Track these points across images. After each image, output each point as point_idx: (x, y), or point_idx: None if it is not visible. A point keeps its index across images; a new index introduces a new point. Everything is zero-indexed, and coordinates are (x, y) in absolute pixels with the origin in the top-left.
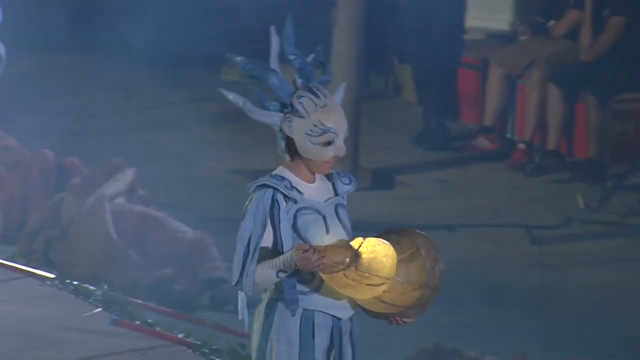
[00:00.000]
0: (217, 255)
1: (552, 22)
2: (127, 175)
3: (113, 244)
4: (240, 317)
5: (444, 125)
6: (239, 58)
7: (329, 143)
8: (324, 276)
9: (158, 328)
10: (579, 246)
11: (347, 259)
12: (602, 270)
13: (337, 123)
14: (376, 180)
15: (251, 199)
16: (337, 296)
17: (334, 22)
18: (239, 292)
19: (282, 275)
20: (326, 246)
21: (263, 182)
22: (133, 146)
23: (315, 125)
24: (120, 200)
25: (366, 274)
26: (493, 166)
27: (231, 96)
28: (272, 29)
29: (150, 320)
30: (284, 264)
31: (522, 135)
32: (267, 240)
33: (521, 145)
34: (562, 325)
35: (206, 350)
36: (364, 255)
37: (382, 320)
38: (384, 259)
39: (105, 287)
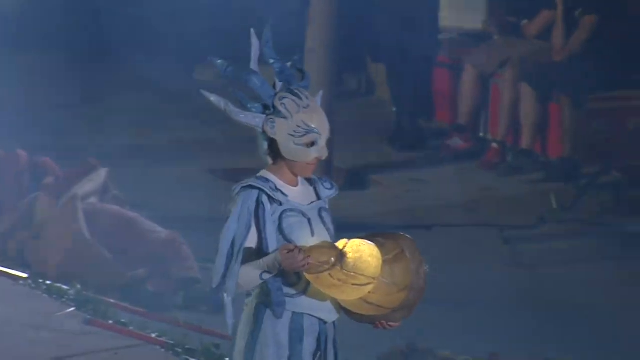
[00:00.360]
0: (190, 255)
1: (524, 22)
2: (100, 176)
3: (86, 244)
4: (228, 320)
5: (417, 125)
6: (219, 61)
7: (312, 144)
8: (309, 277)
9: (131, 328)
10: (552, 245)
11: (333, 259)
12: (574, 270)
13: (320, 124)
14: (350, 180)
15: (236, 200)
16: (323, 297)
17: (307, 20)
18: (224, 294)
19: (266, 276)
20: (311, 246)
21: (248, 184)
22: (106, 146)
23: (298, 126)
24: (93, 200)
25: (352, 274)
26: (466, 166)
27: (213, 98)
28: (252, 31)
29: (123, 320)
30: (268, 265)
31: (495, 134)
32: (251, 242)
33: (494, 145)
34: (534, 325)
35: (179, 350)
36: (349, 255)
37: (355, 320)
38: (369, 259)
39: (79, 286)
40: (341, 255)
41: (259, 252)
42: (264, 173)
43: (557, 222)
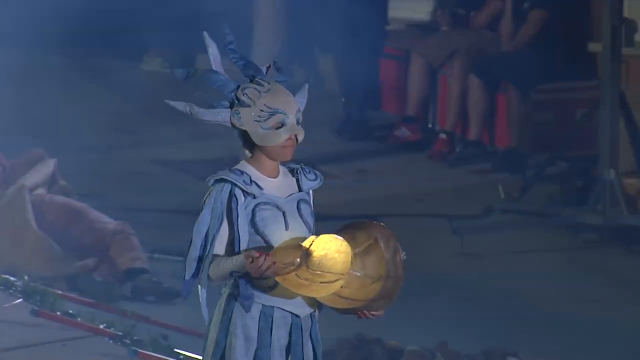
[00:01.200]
0: (138, 246)
1: (473, 13)
2: (48, 166)
3: (34, 235)
4: (204, 314)
5: (366, 116)
6: (180, 71)
7: (281, 125)
8: (277, 278)
9: (79, 319)
10: (500, 236)
11: (298, 259)
12: (522, 260)
13: (284, 103)
14: None
15: (209, 192)
16: (291, 295)
17: (255, 12)
18: (198, 286)
19: (236, 274)
20: (275, 248)
21: (221, 176)
22: (53, 137)
23: (262, 110)
24: (41, 190)
25: (318, 272)
26: (415, 156)
27: (177, 105)
28: (205, 34)
29: (71, 311)
30: (237, 266)
31: (443, 125)
32: (224, 235)
33: (443, 136)
34: (482, 315)
35: (127, 341)
36: (314, 253)
37: (339, 312)
38: (336, 255)
39: (26, 277)
40: (306, 254)
41: (232, 245)
42: (241, 165)
43: (504, 212)
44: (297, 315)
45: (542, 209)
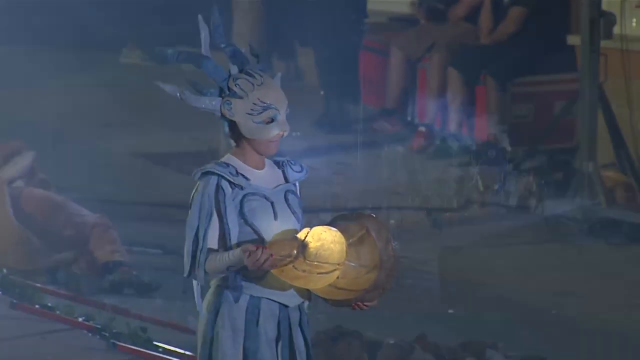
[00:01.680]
0: (117, 239)
1: (452, 6)
2: (26, 159)
3: (12, 228)
4: (199, 309)
5: (345, 109)
6: (169, 51)
7: (272, 120)
8: (274, 271)
9: (58, 312)
10: (479, 229)
11: (294, 251)
12: (500, 253)
13: (277, 99)
14: None
15: (197, 187)
16: (280, 285)
17: (234, 4)
18: (194, 281)
19: (232, 269)
20: (271, 241)
21: (207, 170)
22: (32, 129)
23: (254, 104)
24: (19, 183)
25: (315, 263)
26: (394, 149)
27: (168, 88)
28: (200, 17)
29: (49, 304)
30: (233, 262)
31: (422, 118)
32: (215, 228)
33: (422, 129)
34: (460, 308)
35: (106, 334)
36: (310, 245)
37: (332, 305)
38: (332, 245)
39: (5, 270)
40: (303, 245)
41: (223, 238)
42: (226, 157)
43: (483, 204)
44: (285, 306)
45: (521, 201)
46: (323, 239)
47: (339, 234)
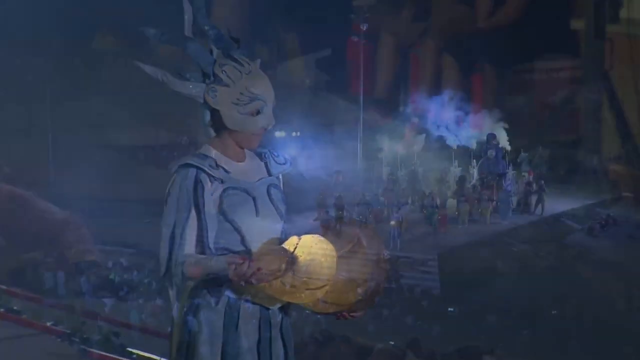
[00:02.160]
0: (89, 238)
1: None
2: None
3: None
4: (174, 313)
5: (333, 99)
6: (152, 31)
7: (258, 112)
8: (260, 285)
9: (25, 316)
10: (479, 228)
11: (283, 265)
12: (492, 249)
13: (265, 90)
14: None
15: (173, 180)
16: (269, 302)
17: None
18: (170, 282)
19: (211, 276)
20: (260, 254)
21: (185, 162)
22: None
23: (242, 93)
24: None
25: (305, 279)
26: (385, 139)
27: (148, 69)
28: None
29: (15, 308)
30: (214, 271)
31: (415, 109)
32: (193, 224)
33: (415, 119)
34: (460, 307)
35: (76, 340)
36: (300, 258)
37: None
38: (322, 259)
39: None
40: (292, 259)
41: (200, 235)
42: (204, 148)
43: (483, 205)
44: (267, 309)
45: (522, 196)
46: (314, 252)
47: (330, 246)
